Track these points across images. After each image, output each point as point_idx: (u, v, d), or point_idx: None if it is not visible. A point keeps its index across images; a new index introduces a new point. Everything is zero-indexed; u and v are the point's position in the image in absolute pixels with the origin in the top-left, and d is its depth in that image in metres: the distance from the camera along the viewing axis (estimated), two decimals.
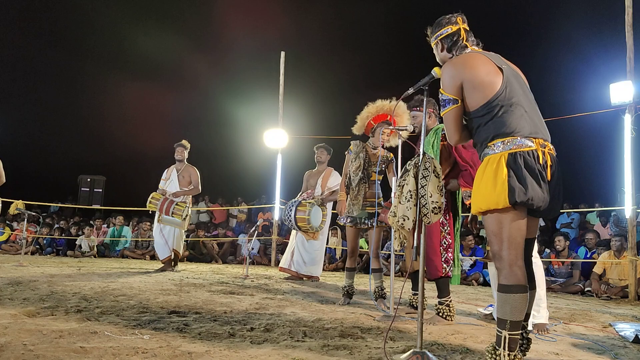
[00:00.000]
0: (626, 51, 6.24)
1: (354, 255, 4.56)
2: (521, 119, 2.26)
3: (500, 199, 2.17)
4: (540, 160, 2.21)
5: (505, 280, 2.20)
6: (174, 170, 7.13)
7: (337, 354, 2.52)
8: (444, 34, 2.51)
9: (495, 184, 2.19)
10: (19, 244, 9.78)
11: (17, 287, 4.41)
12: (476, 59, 2.38)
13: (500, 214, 2.20)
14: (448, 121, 2.41)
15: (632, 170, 6.00)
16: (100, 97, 16.73)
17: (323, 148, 6.70)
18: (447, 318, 3.62)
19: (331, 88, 14.17)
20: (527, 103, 2.33)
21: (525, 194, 2.15)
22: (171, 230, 6.95)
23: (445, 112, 2.39)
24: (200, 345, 2.55)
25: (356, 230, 4.50)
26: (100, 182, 14.93)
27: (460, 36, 2.49)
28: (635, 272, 5.95)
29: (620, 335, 3.45)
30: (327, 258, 8.69)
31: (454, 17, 2.52)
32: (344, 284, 4.52)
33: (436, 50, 2.60)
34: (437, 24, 2.56)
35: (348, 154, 4.54)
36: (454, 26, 2.50)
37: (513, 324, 2.16)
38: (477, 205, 2.29)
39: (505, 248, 2.20)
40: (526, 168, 2.18)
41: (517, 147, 2.21)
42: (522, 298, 2.17)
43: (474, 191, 2.34)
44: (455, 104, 2.35)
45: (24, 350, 2.27)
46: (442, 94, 2.38)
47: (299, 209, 6.17)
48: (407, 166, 2.78)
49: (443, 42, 2.53)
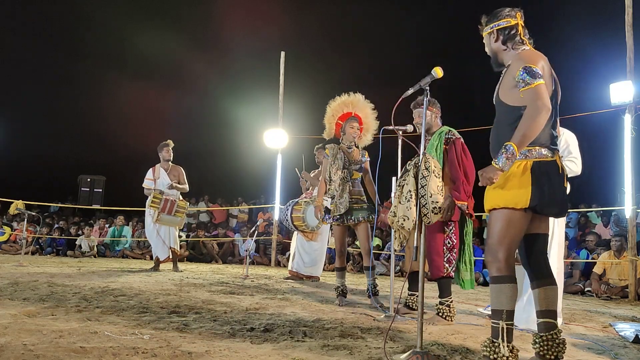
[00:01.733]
0: (626, 51, 6.24)
1: (342, 255, 4.54)
2: (545, 130, 2.34)
3: (521, 199, 2.28)
4: (560, 171, 2.35)
5: (497, 272, 2.34)
6: (161, 169, 7.11)
7: (337, 354, 2.52)
8: (502, 25, 2.50)
9: (520, 185, 2.29)
10: (19, 244, 9.78)
11: (17, 287, 4.41)
12: (544, 58, 2.41)
13: (512, 212, 2.31)
14: (542, 91, 2.26)
15: (632, 170, 6.00)
16: (101, 97, 16.72)
17: (323, 149, 6.65)
18: (447, 318, 3.61)
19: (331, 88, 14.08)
20: (555, 116, 2.41)
21: (543, 199, 2.28)
22: (167, 230, 6.96)
23: (537, 83, 2.26)
24: (200, 345, 2.55)
25: (343, 228, 4.49)
26: (100, 182, 14.94)
27: (518, 31, 2.49)
28: (635, 272, 5.95)
29: (620, 335, 3.45)
30: (327, 258, 8.69)
31: (513, 12, 2.51)
32: (337, 284, 4.50)
33: (488, 40, 2.56)
34: (495, 14, 2.54)
35: (325, 158, 4.56)
36: (513, 20, 2.49)
37: (509, 314, 2.27)
38: (495, 202, 2.37)
39: (505, 244, 2.32)
40: (549, 177, 2.31)
41: (542, 157, 2.33)
42: (514, 288, 2.31)
43: (492, 188, 2.38)
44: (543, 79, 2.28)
45: (24, 350, 2.27)
46: (531, 67, 2.28)
47: (295, 209, 6.18)
48: (407, 166, 2.78)
49: (499, 33, 2.51)
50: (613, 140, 6.70)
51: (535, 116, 2.22)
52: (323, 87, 13.85)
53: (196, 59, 16.34)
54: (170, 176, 7.07)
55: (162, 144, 7.16)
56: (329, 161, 4.50)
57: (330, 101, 4.59)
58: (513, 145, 2.21)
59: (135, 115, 15.52)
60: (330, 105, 4.58)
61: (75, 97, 16.77)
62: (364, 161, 4.53)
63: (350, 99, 4.51)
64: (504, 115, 2.43)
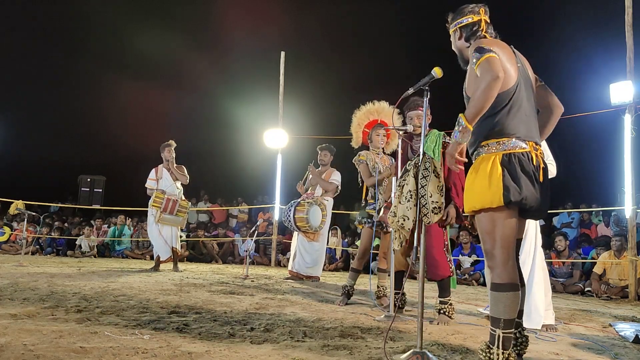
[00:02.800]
0: (626, 51, 6.24)
1: (364, 257, 4.48)
2: (520, 123, 2.27)
3: (495, 198, 2.19)
4: (534, 162, 2.24)
5: (498, 279, 2.22)
6: (163, 169, 7.12)
7: (337, 354, 2.52)
8: (464, 22, 2.48)
9: (490, 183, 2.20)
10: (19, 244, 9.77)
11: (17, 287, 4.41)
12: (504, 46, 2.36)
13: (494, 212, 2.23)
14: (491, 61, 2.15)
15: (632, 170, 6.00)
16: (101, 97, 16.71)
17: (327, 150, 6.49)
18: (452, 317, 3.66)
19: (331, 88, 14.15)
20: (530, 109, 2.34)
21: (519, 193, 2.17)
22: (168, 230, 6.97)
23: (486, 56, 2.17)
24: (200, 345, 2.55)
25: (371, 231, 4.46)
26: (100, 182, 14.93)
27: (480, 27, 2.46)
28: (635, 272, 5.95)
29: (620, 335, 3.45)
30: (327, 258, 8.69)
31: (477, 7, 2.49)
32: (346, 284, 4.46)
33: (453, 38, 2.56)
34: (458, 11, 2.52)
35: (361, 163, 4.58)
36: (476, 16, 2.47)
37: (507, 322, 2.18)
38: (471, 204, 2.30)
39: (498, 247, 2.23)
40: (521, 169, 2.20)
41: (511, 149, 2.23)
42: (514, 296, 2.20)
43: (467, 190, 2.35)
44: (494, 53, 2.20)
45: (24, 350, 2.27)
46: (480, 46, 2.24)
47: (298, 209, 6.17)
48: (407, 166, 2.79)
49: (462, 31, 2.49)
50: (613, 140, 6.70)
51: (483, 86, 2.13)
52: (323, 87, 13.88)
53: (196, 58, 16.34)
54: (172, 176, 7.10)
55: (164, 144, 7.17)
56: (368, 165, 4.53)
57: (356, 110, 4.65)
58: (462, 117, 2.15)
59: (135, 115, 15.52)
60: (356, 115, 4.66)
61: (75, 97, 16.76)
62: (393, 165, 4.56)
63: (375, 107, 4.59)
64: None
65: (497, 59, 2.18)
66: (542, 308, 3.50)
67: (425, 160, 2.61)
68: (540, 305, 3.50)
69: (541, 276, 3.57)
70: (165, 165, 7.14)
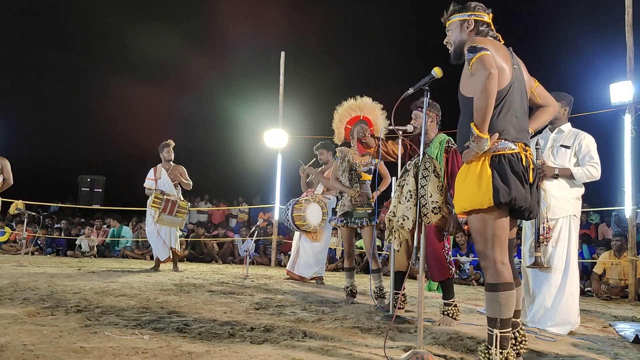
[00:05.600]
0: (626, 51, 6.24)
1: (351, 256, 4.59)
2: (509, 125, 2.28)
3: (485, 199, 2.21)
4: (523, 163, 2.27)
5: (492, 279, 2.24)
6: (162, 169, 7.09)
7: (337, 354, 2.52)
8: (484, 18, 2.46)
9: (479, 185, 2.22)
10: (19, 244, 9.77)
11: (17, 287, 4.40)
12: (499, 46, 2.37)
13: (485, 213, 2.25)
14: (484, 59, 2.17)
15: (632, 170, 6.00)
16: (101, 97, 16.74)
17: (322, 148, 6.25)
18: (456, 319, 3.63)
19: (331, 88, 14.14)
20: (521, 112, 2.36)
21: (509, 194, 2.19)
22: (167, 230, 6.96)
23: (480, 54, 2.18)
24: (200, 345, 2.55)
25: (349, 230, 4.52)
26: (100, 182, 14.95)
27: (491, 28, 2.47)
28: (635, 272, 5.94)
29: (620, 335, 3.45)
30: (328, 258, 8.68)
31: (488, 10, 2.49)
32: (346, 284, 4.56)
33: (458, 29, 2.48)
34: (471, 5, 2.49)
35: (335, 160, 4.58)
36: (488, 17, 2.47)
37: (503, 322, 2.20)
38: (461, 206, 2.32)
39: (490, 247, 2.25)
40: (511, 170, 2.22)
41: (501, 150, 2.25)
42: (510, 295, 2.22)
43: (457, 191, 2.37)
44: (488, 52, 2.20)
45: (24, 350, 2.27)
46: (473, 45, 2.23)
47: (296, 208, 6.15)
48: (407, 166, 2.78)
49: (477, 24, 2.44)
50: (613, 140, 6.69)
51: (479, 88, 2.14)
52: (323, 87, 13.88)
53: (197, 59, 16.35)
54: (171, 176, 7.07)
55: (163, 144, 7.14)
56: (337, 163, 4.56)
57: (337, 107, 4.58)
58: (472, 126, 2.17)
59: (136, 115, 15.54)
60: (337, 111, 4.57)
61: (75, 97, 16.78)
62: (375, 163, 4.52)
63: (357, 102, 4.52)
64: (465, 109, 2.36)
65: (490, 56, 2.19)
66: (575, 314, 3.49)
67: (425, 160, 2.61)
68: (572, 311, 3.47)
69: (575, 281, 3.55)
70: (164, 165, 7.12)
